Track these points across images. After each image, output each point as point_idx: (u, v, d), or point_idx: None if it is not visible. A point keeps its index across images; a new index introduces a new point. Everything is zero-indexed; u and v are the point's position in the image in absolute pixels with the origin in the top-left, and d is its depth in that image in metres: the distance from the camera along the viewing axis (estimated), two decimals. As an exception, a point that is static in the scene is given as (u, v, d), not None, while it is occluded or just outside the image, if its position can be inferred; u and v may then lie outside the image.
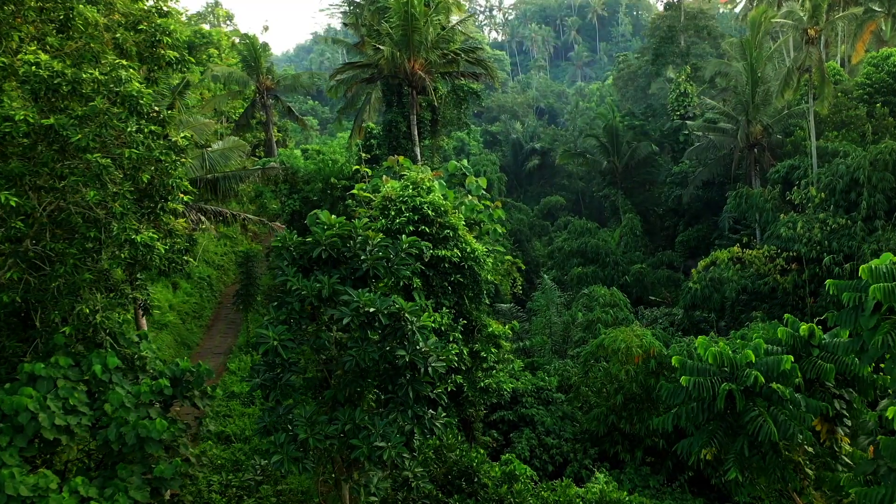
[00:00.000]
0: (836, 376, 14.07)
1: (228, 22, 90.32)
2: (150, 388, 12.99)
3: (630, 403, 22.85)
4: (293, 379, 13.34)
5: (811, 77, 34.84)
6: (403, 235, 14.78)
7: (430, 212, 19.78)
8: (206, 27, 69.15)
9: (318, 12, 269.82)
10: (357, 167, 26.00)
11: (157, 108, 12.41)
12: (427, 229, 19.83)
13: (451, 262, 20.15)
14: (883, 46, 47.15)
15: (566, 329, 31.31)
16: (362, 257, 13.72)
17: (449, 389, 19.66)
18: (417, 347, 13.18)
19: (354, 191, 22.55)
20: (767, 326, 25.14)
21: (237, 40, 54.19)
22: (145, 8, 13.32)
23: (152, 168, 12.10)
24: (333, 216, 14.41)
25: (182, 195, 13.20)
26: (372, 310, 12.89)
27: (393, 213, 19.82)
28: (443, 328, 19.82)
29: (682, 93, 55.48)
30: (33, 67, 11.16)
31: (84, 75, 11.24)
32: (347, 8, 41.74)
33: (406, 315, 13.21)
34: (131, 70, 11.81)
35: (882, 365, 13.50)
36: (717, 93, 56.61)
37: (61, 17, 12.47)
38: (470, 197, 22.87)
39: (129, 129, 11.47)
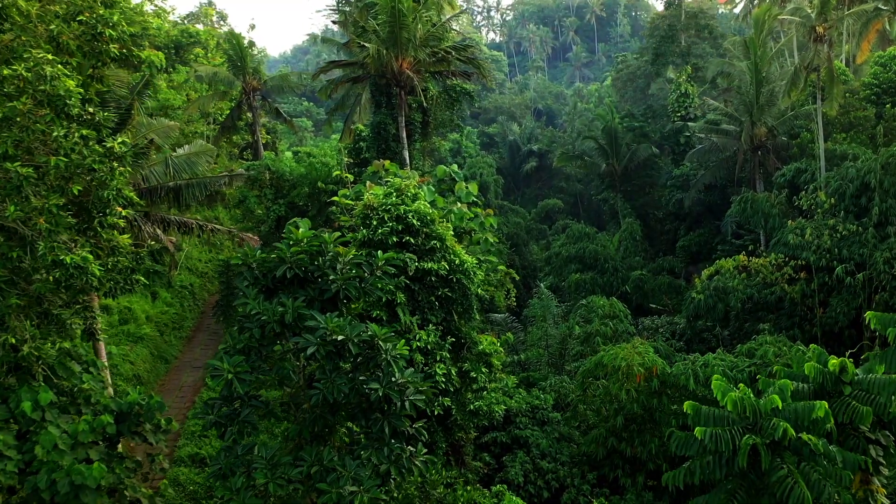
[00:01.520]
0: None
1: (222, 22, 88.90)
2: (91, 425, 11.47)
3: (631, 425, 21.38)
4: (253, 414, 11.85)
5: (819, 76, 33.41)
6: (380, 251, 13.24)
7: (415, 221, 18.33)
8: (200, 27, 67.68)
9: (315, 13, 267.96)
10: (338, 172, 24.50)
11: (90, 110, 10.91)
12: (412, 240, 18.39)
13: (439, 276, 18.72)
14: (888, 46, 45.79)
15: (563, 342, 29.81)
16: (332, 277, 12.23)
17: (436, 413, 18.25)
18: (393, 379, 11.70)
19: (336, 198, 21.09)
20: (775, 340, 23.69)
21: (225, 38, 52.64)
22: (88, -3, 11.81)
23: (87, 178, 10.62)
24: (302, 230, 12.94)
25: (120, 209, 11.70)
26: (341, 338, 11.41)
27: (375, 222, 18.36)
28: (429, 347, 18.46)
29: (683, 93, 53.98)
30: (-53, 63, 9.71)
31: (5, 72, 9.77)
32: (336, 5, 40.18)
33: (379, 343, 11.73)
34: (59, 66, 10.34)
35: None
36: (719, 93, 55.22)
37: (-9, 6, 11.01)
38: (459, 204, 21.41)
39: (54, 134, 9.99)
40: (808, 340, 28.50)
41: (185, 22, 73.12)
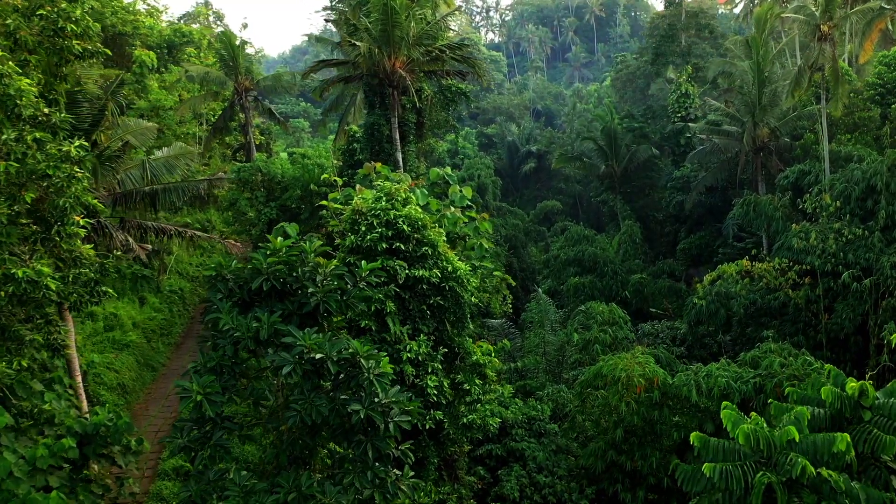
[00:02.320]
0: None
1: (219, 22, 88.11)
2: (51, 450, 10.67)
3: (631, 437, 20.60)
4: (226, 438, 11.05)
5: (823, 76, 32.62)
6: (364, 261, 12.44)
7: (405, 227, 17.53)
8: (196, 27, 66.89)
9: (314, 13, 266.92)
10: (326, 175, 23.71)
11: (46, 111, 10.10)
12: (402, 246, 17.60)
13: (430, 284, 17.91)
14: (891, 45, 45.14)
15: (561, 349, 29.00)
16: (311, 289, 11.43)
17: (427, 427, 17.47)
18: (376, 400, 10.90)
19: (324, 202, 20.30)
20: (780, 349, 22.88)
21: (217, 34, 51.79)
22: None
23: (43, 185, 9.82)
24: (280, 238, 12.14)
25: (79, 218, 10.87)
26: (319, 356, 10.61)
27: (363, 228, 17.55)
28: (420, 358, 17.67)
29: (684, 94, 53.21)
30: None
31: (-48, 70, 9.00)
32: (331, 4, 39.41)
33: (361, 360, 10.93)
34: (10, 63, 9.54)
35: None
36: (720, 94, 54.45)
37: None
38: (453, 208, 20.61)
39: (3, 137, 9.20)
40: (812, 347, 27.76)
41: (181, 22, 72.37)
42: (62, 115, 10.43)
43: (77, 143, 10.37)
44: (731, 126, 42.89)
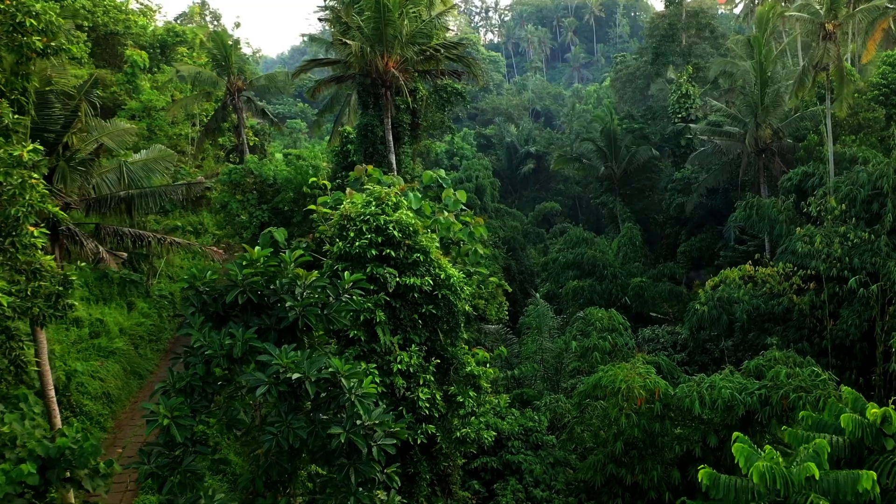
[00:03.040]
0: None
1: (216, 23, 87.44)
2: (9, 475, 9.93)
3: (632, 450, 19.86)
4: (198, 462, 10.31)
5: (828, 76, 31.89)
6: (347, 272, 11.70)
7: (395, 232, 16.79)
8: (191, 26, 66.17)
9: (312, 13, 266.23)
10: (314, 179, 22.97)
11: (-3, 113, 9.38)
12: (393, 253, 16.86)
13: (422, 292, 17.17)
14: (894, 45, 44.48)
15: (559, 356, 28.25)
16: (289, 303, 10.69)
17: (419, 441, 16.74)
18: (358, 422, 10.15)
19: (313, 206, 19.55)
20: (784, 357, 22.12)
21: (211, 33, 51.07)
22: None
23: (-4, 192, 9.11)
24: (258, 248, 11.41)
25: (32, 228, 10.11)
26: (296, 376, 9.87)
27: (352, 234, 16.81)
28: (411, 369, 16.94)
29: (684, 94, 52.41)
30: None
31: None
32: (324, 2, 38.72)
33: (342, 380, 10.19)
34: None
35: None
36: (721, 94, 53.75)
37: None
38: (446, 213, 19.86)
39: (-53, 142, 8.49)
40: (817, 354, 27.05)
41: (177, 22, 71.61)
42: (16, 115, 9.69)
43: (30, 147, 9.62)
44: (732, 127, 42.18)
